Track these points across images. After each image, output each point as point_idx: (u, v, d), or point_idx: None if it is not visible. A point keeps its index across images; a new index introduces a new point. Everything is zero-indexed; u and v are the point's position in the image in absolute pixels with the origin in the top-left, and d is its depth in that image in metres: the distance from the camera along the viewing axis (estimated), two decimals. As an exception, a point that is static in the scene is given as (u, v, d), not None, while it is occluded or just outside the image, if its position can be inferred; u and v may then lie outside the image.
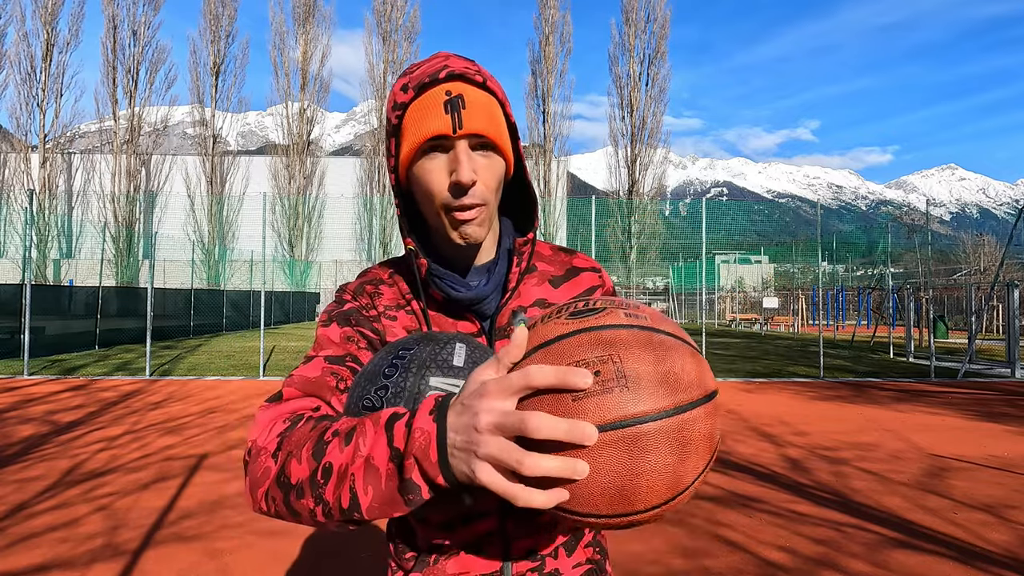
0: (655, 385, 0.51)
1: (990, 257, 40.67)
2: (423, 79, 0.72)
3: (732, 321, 32.94)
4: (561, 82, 31.77)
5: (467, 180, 0.71)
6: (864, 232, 26.50)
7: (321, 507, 0.57)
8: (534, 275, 0.87)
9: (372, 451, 0.54)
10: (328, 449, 0.57)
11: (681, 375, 0.53)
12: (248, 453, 0.65)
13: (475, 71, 0.74)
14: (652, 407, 0.50)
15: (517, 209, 0.90)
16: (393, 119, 0.75)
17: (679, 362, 0.53)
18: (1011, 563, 3.04)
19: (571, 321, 0.56)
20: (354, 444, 0.56)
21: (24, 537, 3.29)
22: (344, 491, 0.55)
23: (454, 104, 0.71)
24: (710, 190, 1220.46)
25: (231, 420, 6.53)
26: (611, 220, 30.57)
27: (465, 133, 0.71)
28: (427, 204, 0.76)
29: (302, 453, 0.59)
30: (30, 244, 10.69)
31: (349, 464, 0.55)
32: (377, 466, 0.54)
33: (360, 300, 0.84)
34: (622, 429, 0.50)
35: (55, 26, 27.76)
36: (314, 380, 0.73)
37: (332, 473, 0.56)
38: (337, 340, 0.78)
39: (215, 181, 31.21)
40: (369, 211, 31.46)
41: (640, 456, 0.50)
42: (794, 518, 3.67)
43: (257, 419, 0.68)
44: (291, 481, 0.59)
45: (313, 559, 3.11)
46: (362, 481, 0.54)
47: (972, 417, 6.96)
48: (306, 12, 32.02)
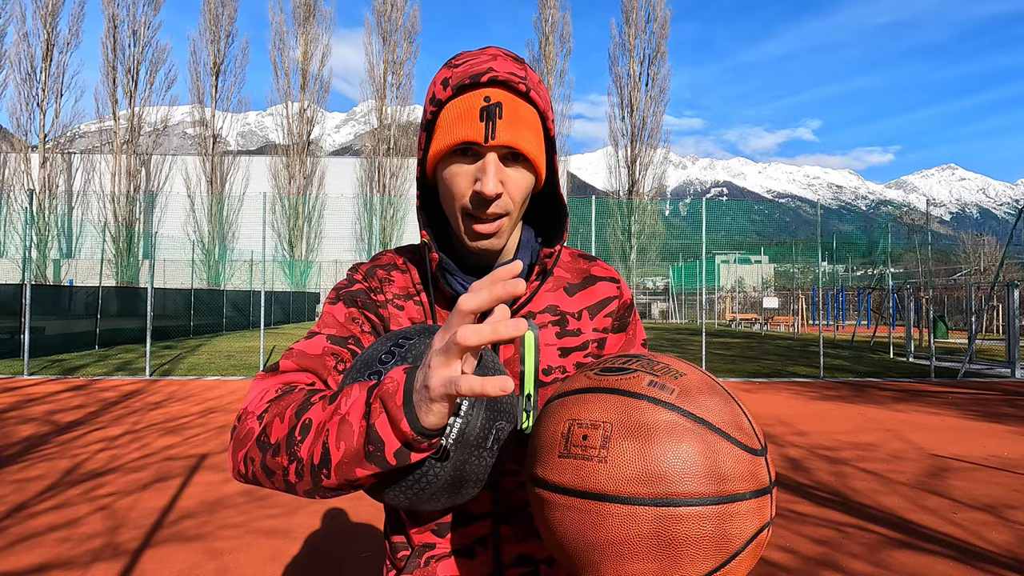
0: (636, 470, 0.48)
1: (990, 257, 40.67)
2: (464, 79, 0.70)
3: (732, 321, 32.94)
4: (561, 82, 31.81)
5: (491, 193, 0.69)
6: (864, 232, 26.51)
7: (295, 465, 0.57)
8: (549, 281, 0.85)
9: (351, 408, 0.54)
10: (312, 409, 0.57)
11: (664, 467, 0.48)
12: (237, 419, 0.65)
13: (520, 79, 0.71)
14: (624, 490, 0.48)
15: (545, 219, 0.87)
16: (428, 114, 0.73)
17: (671, 451, 0.49)
18: (1011, 563, 3.04)
19: (596, 377, 0.57)
20: (336, 403, 0.56)
21: (24, 537, 3.29)
22: (317, 446, 0.55)
23: (491, 113, 0.68)
24: (710, 190, 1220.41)
25: (231, 420, 6.53)
26: (611, 220, 30.58)
27: (497, 144, 0.69)
28: (449, 205, 0.75)
29: (286, 413, 0.59)
30: (30, 244, 10.69)
31: (327, 421, 0.55)
32: (351, 421, 0.53)
33: (370, 282, 0.83)
34: (585, 500, 0.50)
35: (55, 26, 27.78)
36: (313, 357, 0.72)
37: (310, 429, 0.56)
38: (342, 319, 0.78)
39: (215, 181, 31.22)
40: (369, 211, 31.46)
41: (597, 529, 0.49)
42: (794, 518, 3.67)
43: (251, 387, 0.68)
44: (270, 440, 0.59)
45: (313, 559, 3.11)
46: (335, 436, 0.54)
47: (972, 417, 6.96)
48: (306, 12, 32.03)
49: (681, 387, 0.53)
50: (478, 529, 0.76)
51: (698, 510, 0.47)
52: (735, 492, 0.48)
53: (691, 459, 0.48)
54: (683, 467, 0.48)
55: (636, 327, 0.90)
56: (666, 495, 0.48)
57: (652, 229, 31.18)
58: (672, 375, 0.55)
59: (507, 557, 0.76)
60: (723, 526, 0.48)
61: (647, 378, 0.54)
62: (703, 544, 0.48)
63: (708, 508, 0.48)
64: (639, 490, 0.48)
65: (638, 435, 0.49)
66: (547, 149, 0.77)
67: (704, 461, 0.48)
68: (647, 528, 0.48)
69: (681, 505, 0.47)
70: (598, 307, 0.85)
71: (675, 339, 20.63)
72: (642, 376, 0.54)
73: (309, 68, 32.02)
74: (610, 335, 0.85)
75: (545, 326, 0.81)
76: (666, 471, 0.48)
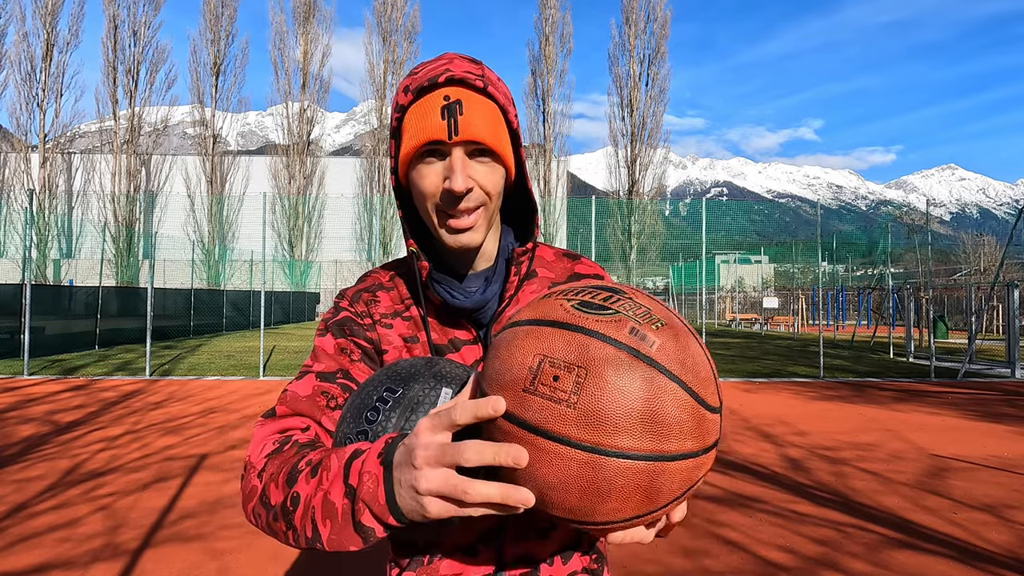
0: (590, 416, 0.48)
1: (990, 257, 40.67)
2: (423, 82, 0.72)
3: (732, 321, 32.94)
4: (561, 82, 31.80)
5: (460, 188, 0.70)
6: (864, 232, 26.53)
7: (291, 533, 0.61)
8: (534, 281, 0.86)
9: (331, 487, 0.57)
10: (299, 479, 0.61)
11: (615, 413, 0.48)
12: (244, 468, 0.70)
13: (477, 75, 0.73)
14: (576, 435, 0.49)
15: (519, 217, 0.89)
16: (393, 121, 0.76)
17: (639, 402, 0.49)
18: (1011, 563, 3.04)
19: (574, 311, 0.54)
20: (318, 478, 0.59)
21: (24, 537, 3.29)
22: (307, 521, 0.59)
23: (451, 110, 0.70)
24: (710, 190, 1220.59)
25: (231, 420, 6.53)
26: (611, 220, 30.58)
27: (461, 140, 0.70)
28: (423, 208, 0.76)
29: (279, 479, 0.63)
30: (30, 244, 10.70)
31: (312, 496, 0.58)
32: (333, 501, 0.57)
33: (356, 307, 0.84)
34: (549, 441, 0.49)
35: (55, 26, 27.77)
36: (304, 399, 0.75)
37: (300, 503, 0.59)
38: (331, 352, 0.80)
39: (215, 181, 31.21)
40: (369, 211, 31.46)
41: (547, 470, 0.50)
42: (794, 518, 3.67)
43: (253, 436, 0.73)
44: (271, 503, 0.63)
45: (313, 559, 3.11)
46: (320, 515, 0.58)
47: (972, 417, 6.96)
48: (306, 12, 32.03)
49: (662, 340, 0.52)
50: (480, 526, 0.76)
51: (629, 463, 0.49)
52: (667, 452, 0.49)
53: (659, 408, 0.49)
54: (634, 418, 0.48)
55: None
56: (608, 446, 0.48)
57: (652, 229, 31.19)
58: (654, 324, 0.53)
59: (509, 554, 0.76)
60: (641, 479, 0.49)
61: (629, 324, 0.52)
62: (624, 492, 0.50)
63: (638, 463, 0.49)
64: (608, 442, 0.48)
65: (612, 388, 0.49)
66: (512, 143, 0.78)
67: (669, 412, 0.49)
68: (584, 473, 0.49)
69: (615, 457, 0.48)
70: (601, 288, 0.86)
71: (675, 339, 20.59)
72: (624, 321, 0.52)
73: (309, 68, 32.02)
74: None
75: None
76: (608, 419, 0.48)
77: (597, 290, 0.57)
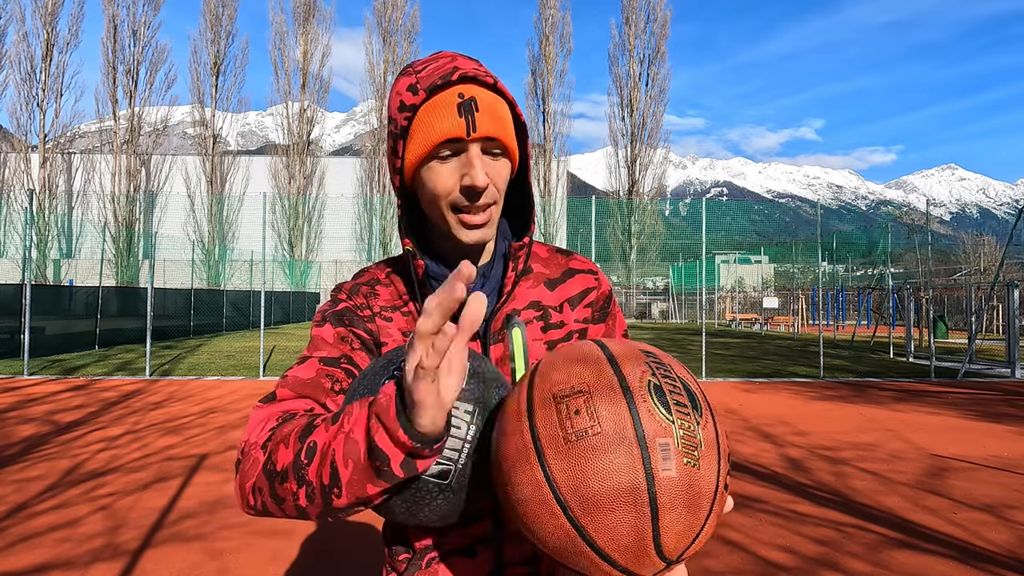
0: (578, 488, 0.51)
1: (990, 257, 40.66)
2: (434, 80, 0.71)
3: (732, 321, 32.93)
4: (561, 82, 31.84)
5: (482, 184, 0.70)
6: (864, 232, 26.54)
7: (304, 488, 0.57)
8: (530, 277, 0.86)
9: (353, 426, 0.55)
10: (315, 431, 0.58)
11: (601, 493, 0.51)
12: (240, 452, 0.66)
13: (484, 73, 0.73)
14: (567, 500, 0.53)
15: (514, 212, 0.88)
16: (402, 120, 0.73)
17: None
18: (1011, 563, 3.04)
19: (644, 384, 0.54)
20: (339, 423, 0.57)
21: (24, 537, 3.29)
22: (326, 467, 0.56)
23: (468, 107, 0.70)
24: (710, 190, 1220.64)
25: (231, 420, 6.53)
26: (611, 220, 30.61)
27: (479, 136, 0.71)
28: (435, 206, 0.75)
29: (290, 438, 0.60)
30: (30, 244, 10.69)
31: (331, 441, 0.56)
32: (356, 439, 0.54)
33: (355, 299, 0.83)
34: (541, 469, 0.53)
35: (55, 26, 27.81)
36: (308, 381, 0.72)
37: (316, 451, 0.57)
38: (331, 340, 0.78)
39: (215, 181, 31.23)
40: (369, 211, 31.47)
41: (534, 509, 0.54)
42: (794, 518, 3.67)
43: (251, 418, 0.69)
44: (277, 468, 0.59)
45: (313, 559, 3.11)
46: (342, 454, 0.55)
47: (972, 417, 6.96)
48: (306, 12, 32.05)
49: (677, 472, 0.52)
50: (479, 529, 0.75)
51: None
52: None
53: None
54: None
55: (616, 317, 0.91)
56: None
57: (652, 229, 31.22)
58: (687, 457, 0.53)
59: (508, 556, 0.76)
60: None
61: (672, 436, 0.54)
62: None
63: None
64: (591, 530, 0.53)
65: (600, 466, 0.52)
66: (519, 136, 0.79)
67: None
68: (583, 561, 0.54)
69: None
70: (579, 298, 0.87)
71: (675, 339, 20.62)
72: (670, 429, 0.53)
73: (309, 68, 32.04)
74: (591, 325, 0.87)
75: (531, 322, 0.82)
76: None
77: (683, 390, 0.56)
